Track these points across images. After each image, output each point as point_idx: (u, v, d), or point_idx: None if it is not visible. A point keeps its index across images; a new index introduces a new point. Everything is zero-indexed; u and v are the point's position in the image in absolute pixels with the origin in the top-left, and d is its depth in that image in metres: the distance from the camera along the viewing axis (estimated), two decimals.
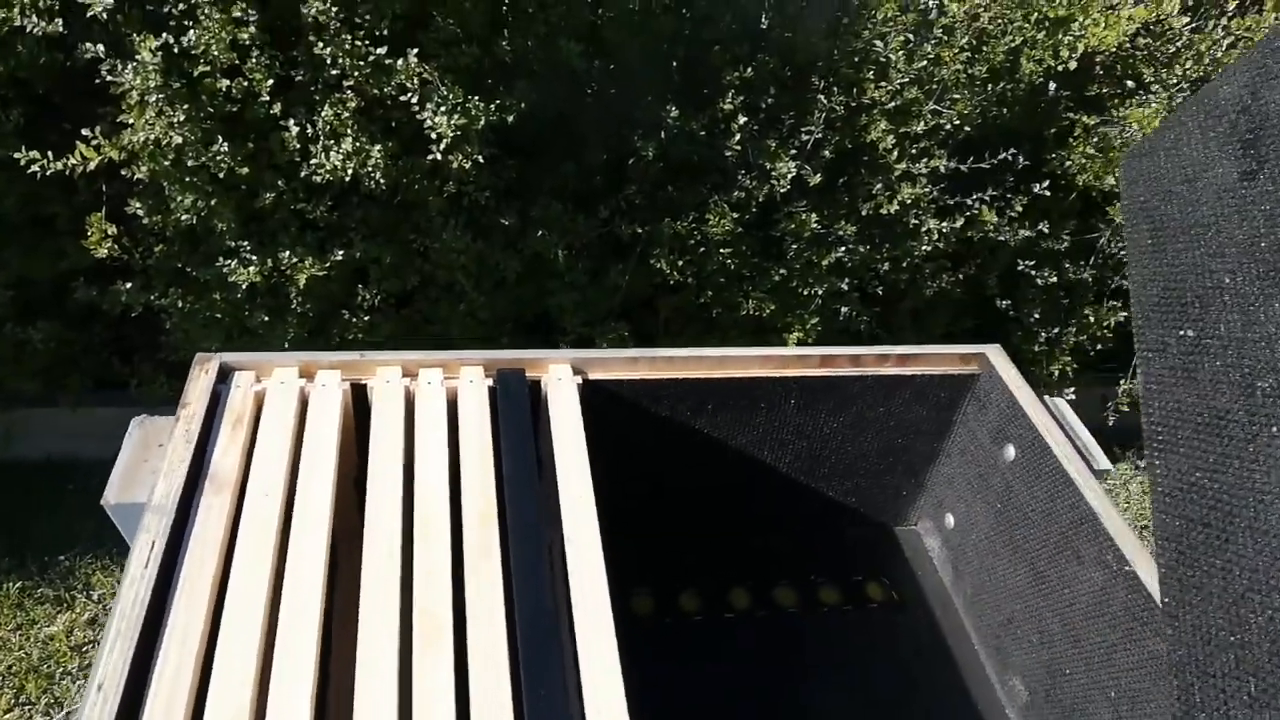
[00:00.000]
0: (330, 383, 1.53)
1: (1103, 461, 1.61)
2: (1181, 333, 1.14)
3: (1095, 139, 3.37)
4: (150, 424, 1.43)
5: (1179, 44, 3.28)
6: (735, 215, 3.08)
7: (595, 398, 1.65)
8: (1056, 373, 3.82)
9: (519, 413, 1.54)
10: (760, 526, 1.96)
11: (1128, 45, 3.31)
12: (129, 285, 2.81)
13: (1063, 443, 1.62)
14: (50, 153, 2.40)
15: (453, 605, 1.23)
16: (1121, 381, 3.89)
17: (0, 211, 2.76)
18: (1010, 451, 1.71)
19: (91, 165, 2.45)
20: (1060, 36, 3.15)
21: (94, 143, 2.46)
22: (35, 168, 2.38)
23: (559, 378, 1.63)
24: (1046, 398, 1.73)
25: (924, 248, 3.32)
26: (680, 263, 3.19)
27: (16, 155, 2.39)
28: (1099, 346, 3.83)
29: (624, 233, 3.15)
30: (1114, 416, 3.97)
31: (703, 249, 3.20)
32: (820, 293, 3.31)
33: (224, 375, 1.51)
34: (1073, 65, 3.18)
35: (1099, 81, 3.41)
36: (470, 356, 1.61)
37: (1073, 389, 3.80)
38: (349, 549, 1.35)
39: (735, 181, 3.07)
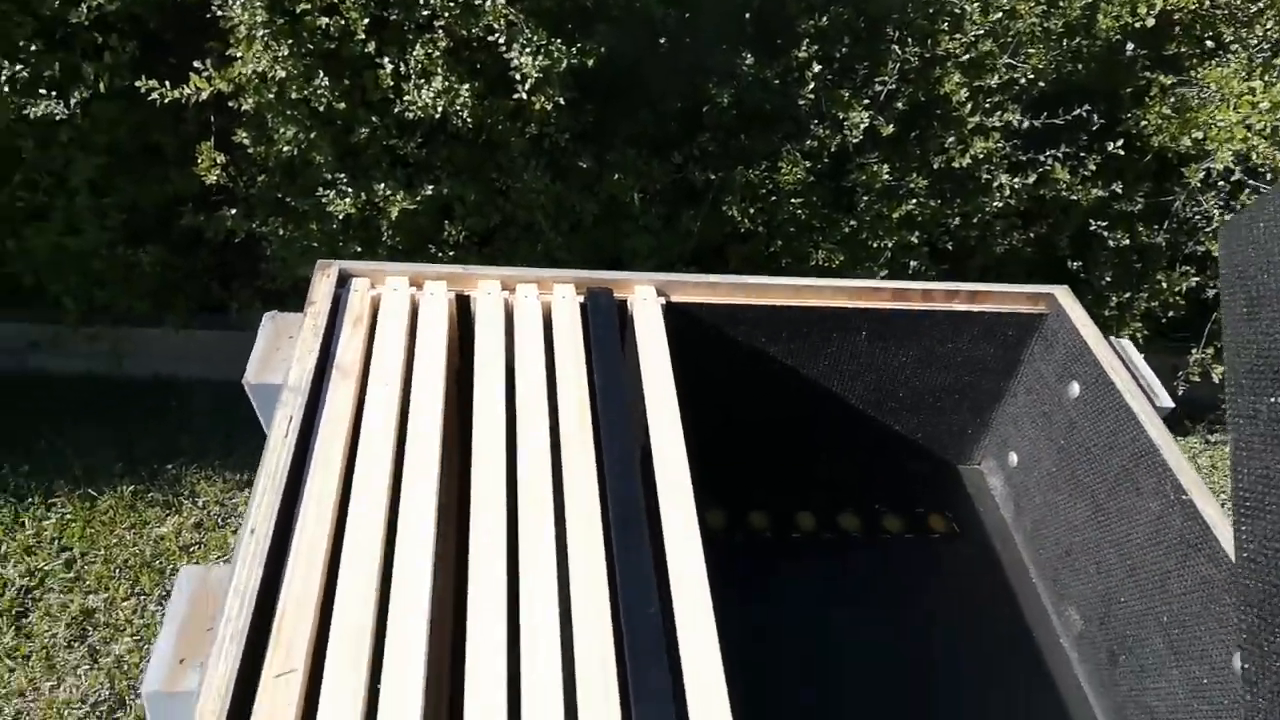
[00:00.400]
0: (438, 291, 1.66)
1: (1165, 399, 1.67)
2: (1273, 399, 1.12)
3: (1172, 99, 3.35)
4: (280, 319, 1.58)
5: (1261, 3, 3.23)
6: (807, 165, 3.14)
7: (676, 320, 1.75)
8: (1127, 339, 3.82)
9: (608, 327, 1.65)
10: (827, 456, 2.05)
11: (1207, 4, 3.27)
12: (233, 212, 2.97)
13: (1127, 379, 1.68)
14: (167, 82, 2.56)
15: (552, 486, 1.36)
16: (1194, 351, 3.87)
17: (114, 140, 2.94)
18: (1075, 388, 1.78)
19: (204, 95, 2.60)
20: None
21: (205, 74, 2.61)
22: (154, 96, 2.54)
23: (644, 298, 1.73)
24: (1112, 338, 1.79)
25: (995, 204, 3.34)
26: (751, 210, 3.26)
27: (137, 84, 2.56)
28: (1170, 313, 3.82)
29: (697, 179, 3.23)
30: (1184, 386, 3.96)
31: (774, 198, 3.27)
32: (890, 245, 3.36)
33: (343, 281, 1.65)
34: (1150, 22, 3.16)
35: (1178, 40, 3.37)
36: (562, 275, 1.73)
37: (1142, 356, 3.80)
38: (456, 429, 1.49)
39: (808, 131, 3.13)
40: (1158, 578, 1.53)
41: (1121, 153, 3.29)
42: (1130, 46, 3.26)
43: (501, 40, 2.68)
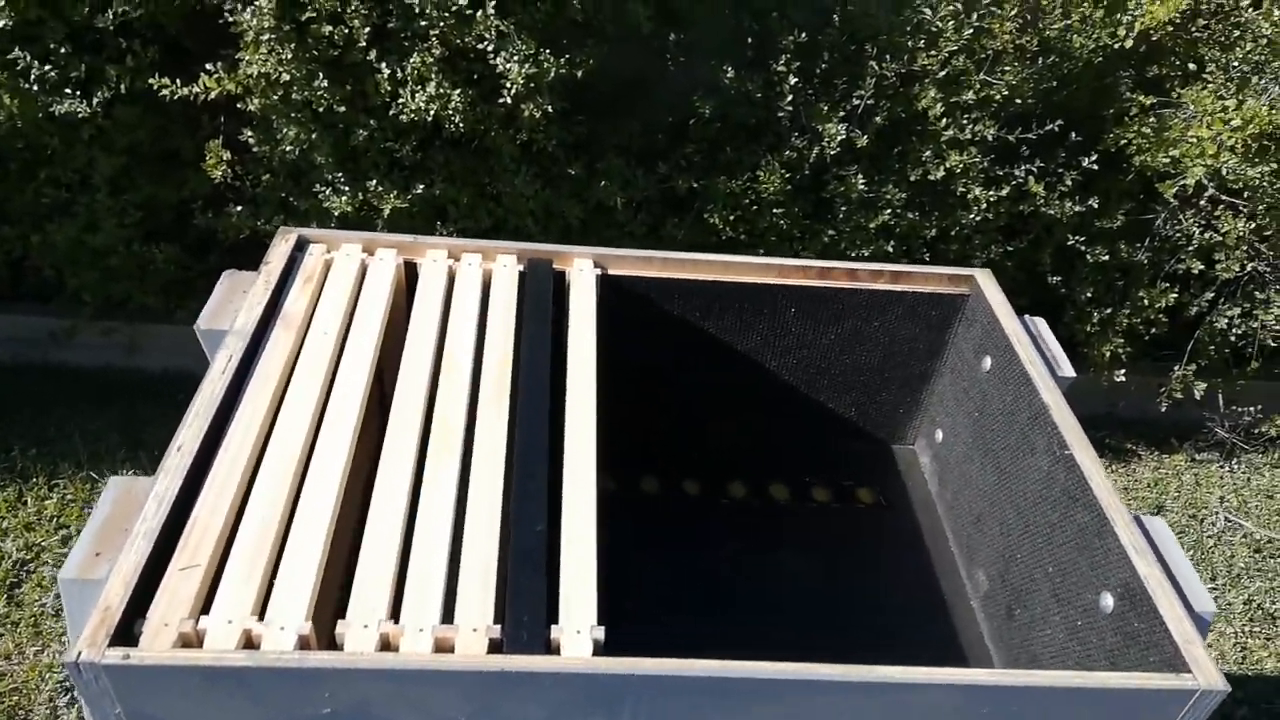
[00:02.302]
0: (387, 257, 1.81)
1: (1067, 369, 1.75)
2: None
3: (1152, 119, 3.43)
4: (238, 276, 1.73)
5: (1240, 23, 3.31)
6: (786, 174, 3.26)
7: (614, 294, 1.88)
8: (1109, 354, 3.86)
9: (542, 293, 1.78)
10: (760, 430, 2.15)
11: (1190, 26, 3.36)
12: (239, 209, 3.17)
13: (1031, 351, 1.77)
14: (178, 79, 2.78)
15: (465, 424, 1.48)
16: (1175, 369, 3.90)
17: (134, 141, 3.16)
18: (987, 362, 1.87)
19: (212, 94, 2.81)
20: (1119, 16, 3.24)
21: (215, 75, 2.82)
22: (165, 92, 2.76)
23: (581, 269, 1.87)
24: (1026, 317, 1.88)
25: (973, 217, 3.43)
26: (732, 218, 3.39)
27: (151, 82, 2.77)
28: (1153, 330, 3.86)
29: (681, 189, 3.37)
30: (1166, 404, 3.98)
31: (755, 207, 3.40)
32: (868, 254, 3.46)
33: (301, 245, 1.80)
34: (1129, 44, 3.26)
35: (1160, 63, 3.46)
36: (505, 246, 1.87)
37: (1123, 372, 3.84)
38: (391, 386, 1.62)
39: (787, 142, 3.26)
40: (1045, 530, 1.61)
41: (1096, 168, 3.37)
42: (1110, 69, 3.35)
43: (490, 49, 2.86)
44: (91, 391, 3.55)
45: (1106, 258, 3.63)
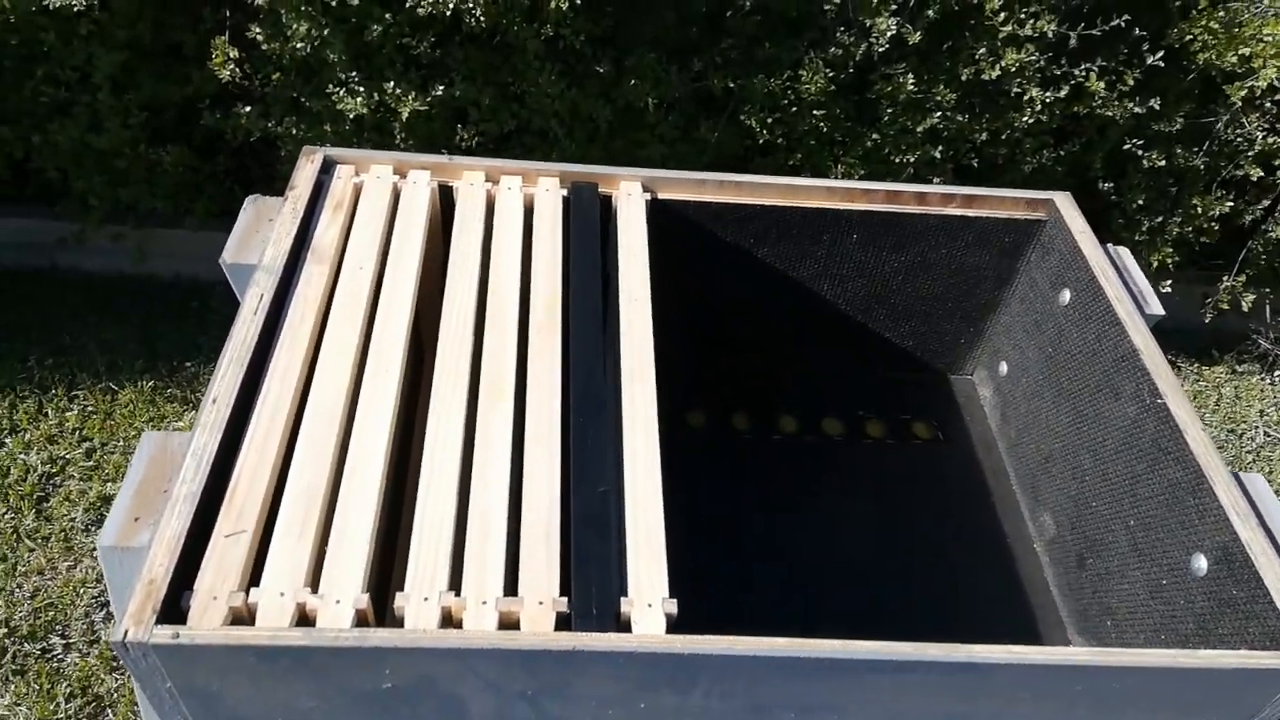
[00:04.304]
0: (420, 181, 1.67)
1: (1155, 306, 1.63)
2: None
3: (1221, 13, 3.18)
4: (262, 202, 1.60)
5: None
6: (830, 73, 3.06)
7: (663, 218, 1.74)
8: (1155, 264, 3.71)
9: (589, 220, 1.65)
10: (815, 361, 2.05)
11: None
12: (248, 110, 2.99)
13: (1118, 285, 1.64)
14: None
15: (515, 371, 1.38)
16: (1225, 279, 3.76)
17: (135, 35, 2.96)
18: (1066, 295, 1.75)
19: None
20: None
21: None
22: None
23: (629, 194, 1.72)
24: (1109, 245, 1.75)
25: (1025, 119, 3.24)
26: (770, 121, 3.20)
27: None
28: (1203, 240, 3.70)
29: (716, 88, 3.17)
30: (1211, 314, 3.86)
31: (795, 109, 3.20)
32: (912, 160, 3.28)
33: (327, 167, 1.66)
34: None
35: None
36: (548, 168, 1.72)
37: (1170, 282, 3.70)
38: (430, 321, 1.51)
39: (832, 37, 3.04)
40: (1128, 481, 1.52)
41: (1162, 65, 3.15)
42: None
43: None
44: (103, 299, 3.44)
45: (1162, 163, 3.44)
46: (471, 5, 2.70)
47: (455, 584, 1.15)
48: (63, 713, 2.41)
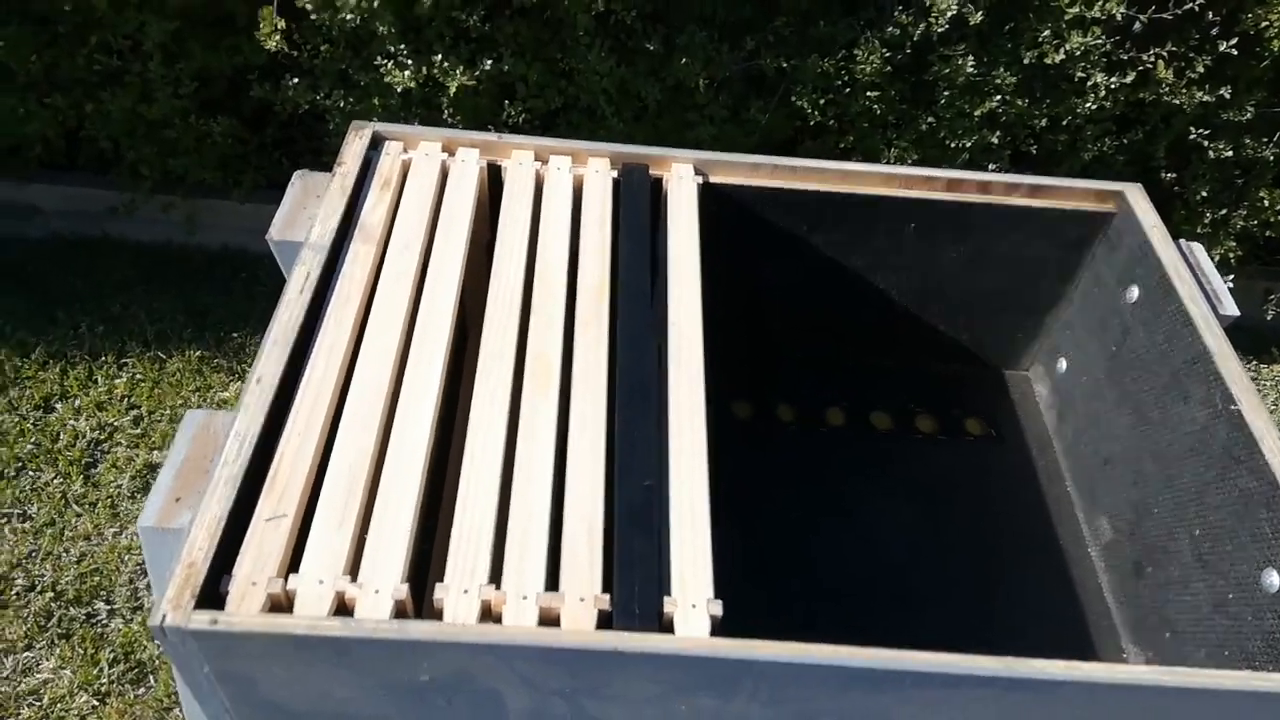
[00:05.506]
0: (469, 159, 1.64)
1: (1230, 307, 1.56)
2: None
3: None
4: (310, 178, 1.58)
5: None
6: (886, 54, 2.97)
7: (714, 202, 1.70)
8: (1218, 258, 3.58)
9: (639, 203, 1.61)
10: (865, 352, 1.99)
11: None
12: (295, 82, 2.98)
13: (1191, 284, 1.57)
14: None
15: (562, 355, 1.35)
16: None
17: (187, 4, 2.96)
18: (1134, 293, 1.68)
19: None
20: None
21: None
22: None
23: (680, 176, 1.68)
24: (1181, 241, 1.67)
25: (1089, 105, 3.12)
26: (823, 102, 3.12)
27: None
28: (1269, 233, 3.56)
29: (768, 67, 3.09)
30: (1273, 310, 3.73)
31: (848, 90, 3.12)
32: (968, 145, 3.19)
33: (375, 143, 1.64)
34: None
35: None
36: (598, 148, 1.68)
37: (1231, 276, 3.57)
38: (475, 303, 1.48)
39: (890, 16, 2.95)
40: (1195, 490, 1.45)
41: (1235, 53, 3.02)
42: None
43: None
44: (152, 268, 3.47)
45: (1229, 153, 3.31)
46: None
47: (495, 577, 1.12)
48: (105, 677, 2.45)
